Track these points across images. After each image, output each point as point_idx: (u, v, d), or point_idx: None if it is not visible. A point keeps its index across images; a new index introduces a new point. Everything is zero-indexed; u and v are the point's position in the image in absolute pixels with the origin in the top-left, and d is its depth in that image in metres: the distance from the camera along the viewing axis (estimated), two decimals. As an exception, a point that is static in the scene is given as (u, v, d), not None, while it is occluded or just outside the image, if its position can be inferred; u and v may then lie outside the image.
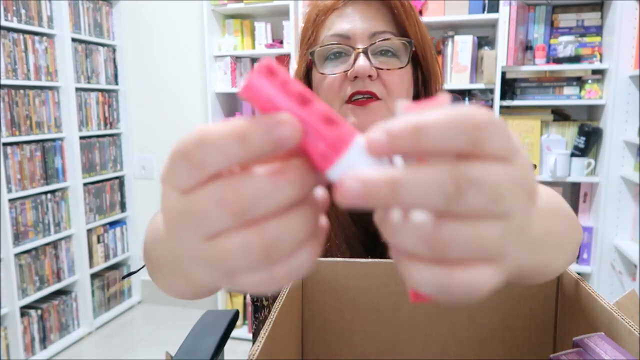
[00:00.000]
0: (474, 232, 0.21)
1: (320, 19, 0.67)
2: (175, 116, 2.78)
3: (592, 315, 0.47)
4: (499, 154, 0.21)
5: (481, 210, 0.20)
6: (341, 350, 0.58)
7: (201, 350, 0.79)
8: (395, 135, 0.20)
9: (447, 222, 0.21)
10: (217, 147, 0.21)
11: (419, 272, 0.21)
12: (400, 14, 0.65)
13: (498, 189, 0.20)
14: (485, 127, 0.20)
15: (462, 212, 0.20)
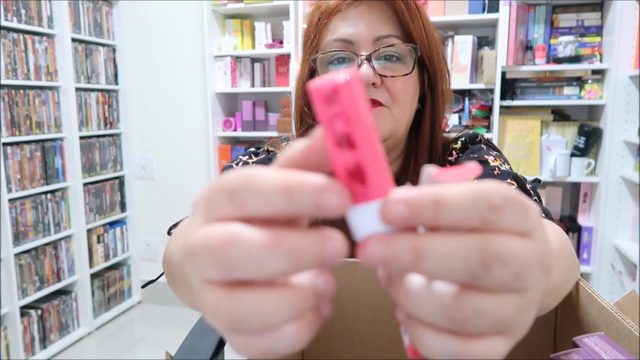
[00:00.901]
0: (495, 307, 0.21)
1: (323, 22, 0.65)
2: (176, 116, 2.78)
3: (592, 315, 0.47)
4: (518, 230, 0.21)
5: (505, 285, 0.20)
6: (341, 350, 0.58)
7: (201, 350, 0.79)
8: (414, 207, 0.20)
9: (470, 295, 0.20)
10: (262, 193, 0.20)
11: (433, 341, 0.21)
12: (405, 17, 0.63)
13: (522, 265, 0.21)
14: (501, 207, 0.20)
15: (485, 286, 0.20)
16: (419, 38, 0.64)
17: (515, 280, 0.21)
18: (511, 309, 0.21)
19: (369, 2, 0.63)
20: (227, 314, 0.20)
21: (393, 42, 0.62)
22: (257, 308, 0.20)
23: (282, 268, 0.20)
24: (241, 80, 2.53)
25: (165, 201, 2.87)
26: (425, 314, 0.21)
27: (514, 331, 0.22)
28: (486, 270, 0.20)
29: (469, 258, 0.20)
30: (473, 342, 0.21)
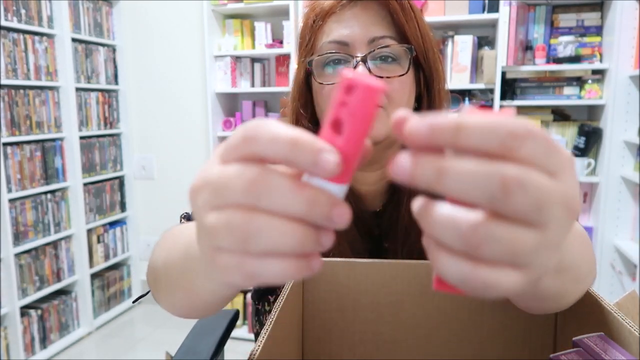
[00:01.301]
0: (510, 236, 0.21)
1: (318, 24, 0.65)
2: (176, 116, 2.78)
3: (592, 315, 0.47)
4: (543, 166, 0.22)
5: (523, 214, 0.21)
6: (341, 350, 0.58)
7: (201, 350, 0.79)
8: (436, 128, 0.21)
9: (487, 222, 0.21)
10: (275, 141, 0.23)
11: (447, 262, 0.23)
12: (400, 17, 0.63)
13: (544, 196, 0.21)
14: (523, 136, 0.21)
15: (503, 212, 0.21)
16: (414, 38, 0.64)
17: (535, 212, 0.21)
18: (528, 242, 0.21)
19: (363, 3, 0.63)
20: (241, 227, 0.23)
21: (388, 43, 0.62)
22: (268, 229, 0.23)
23: (298, 210, 0.23)
24: (241, 80, 2.53)
25: (165, 201, 2.87)
26: (443, 235, 0.22)
27: (530, 268, 0.22)
28: (506, 194, 0.21)
29: (490, 180, 0.21)
30: (485, 268, 0.22)
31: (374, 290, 0.57)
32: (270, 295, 0.74)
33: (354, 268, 0.57)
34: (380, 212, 0.72)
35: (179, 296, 0.43)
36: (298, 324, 0.57)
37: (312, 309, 0.58)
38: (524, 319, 0.56)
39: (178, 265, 0.41)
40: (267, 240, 0.23)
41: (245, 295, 2.58)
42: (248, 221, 0.23)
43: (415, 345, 0.57)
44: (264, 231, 0.23)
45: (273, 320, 0.43)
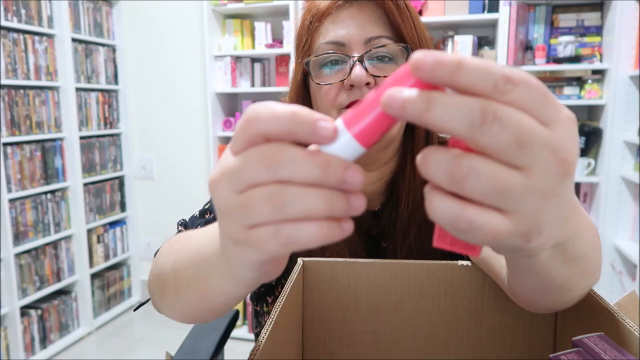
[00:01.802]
0: (493, 173, 0.22)
1: (315, 25, 0.65)
2: (176, 116, 2.78)
3: (592, 315, 0.48)
4: (532, 111, 0.23)
5: (502, 149, 0.22)
6: (341, 350, 0.58)
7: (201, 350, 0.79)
8: (438, 62, 0.22)
9: (470, 155, 0.22)
10: (277, 118, 0.25)
11: (438, 202, 0.24)
12: (395, 17, 0.63)
13: (525, 135, 0.22)
14: (516, 82, 0.23)
15: (482, 145, 0.22)
16: (410, 37, 0.64)
17: (514, 149, 0.22)
18: (513, 183, 0.22)
19: (359, 3, 0.64)
20: (276, 196, 0.25)
21: (384, 43, 0.63)
22: (301, 195, 0.25)
23: (313, 175, 0.25)
24: (241, 80, 2.53)
25: (165, 201, 2.87)
26: (433, 173, 0.23)
27: (517, 214, 0.23)
28: (483, 124, 0.22)
29: (470, 111, 0.22)
30: (471, 207, 0.23)
31: (374, 290, 0.57)
32: (268, 296, 0.74)
33: (354, 268, 0.57)
34: (379, 211, 0.72)
35: (189, 300, 0.42)
36: (298, 324, 0.57)
37: (312, 309, 0.58)
38: (524, 319, 0.56)
39: (190, 268, 0.41)
40: (301, 205, 0.25)
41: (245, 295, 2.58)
42: (280, 191, 0.25)
43: (415, 345, 0.57)
44: (297, 197, 0.25)
45: (273, 321, 0.43)
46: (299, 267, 0.55)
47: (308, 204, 0.25)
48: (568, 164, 0.23)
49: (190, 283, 0.41)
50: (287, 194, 0.25)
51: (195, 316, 0.46)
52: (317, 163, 0.25)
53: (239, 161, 0.26)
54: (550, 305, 0.45)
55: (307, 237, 0.26)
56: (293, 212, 0.25)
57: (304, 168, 0.25)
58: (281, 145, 0.26)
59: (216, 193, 0.28)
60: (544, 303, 0.45)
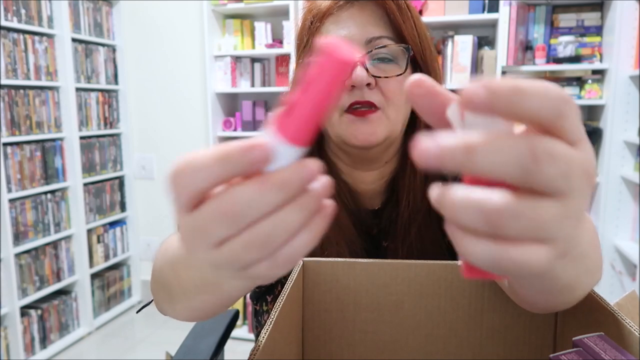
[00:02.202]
0: (534, 211, 0.21)
1: (315, 25, 0.65)
2: (176, 116, 2.78)
3: (592, 315, 0.48)
4: (571, 135, 0.22)
5: (552, 185, 0.21)
6: (341, 350, 0.59)
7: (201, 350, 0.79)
8: (495, 92, 0.21)
9: (510, 198, 0.21)
10: (202, 169, 0.24)
11: (473, 246, 0.22)
12: (397, 17, 0.63)
13: (570, 166, 0.21)
14: (571, 104, 0.22)
15: (533, 184, 0.21)
16: (411, 38, 0.64)
17: (562, 180, 0.21)
18: (552, 214, 0.21)
19: (359, 4, 0.63)
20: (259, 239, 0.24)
21: (385, 43, 0.63)
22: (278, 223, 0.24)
23: (277, 201, 0.24)
24: (241, 80, 2.53)
25: (165, 201, 2.87)
26: (467, 219, 0.22)
27: (556, 241, 0.22)
28: (537, 165, 0.21)
29: (520, 152, 0.21)
30: (512, 247, 0.22)
31: (374, 290, 0.57)
32: (268, 295, 0.74)
33: (354, 268, 0.57)
34: (379, 211, 0.72)
35: (201, 300, 0.41)
36: (298, 324, 0.57)
37: (312, 309, 0.58)
38: (524, 319, 0.56)
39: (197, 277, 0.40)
40: (285, 229, 0.25)
41: (245, 295, 2.58)
42: (257, 233, 0.24)
43: (415, 345, 0.57)
44: (279, 229, 0.24)
45: (273, 321, 0.43)
46: (299, 267, 0.55)
47: (290, 226, 0.25)
48: (594, 179, 0.23)
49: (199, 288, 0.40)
50: (263, 233, 0.24)
51: (207, 315, 0.45)
52: (274, 189, 0.24)
53: (197, 225, 0.25)
54: (552, 306, 0.45)
55: (303, 249, 0.25)
56: (279, 241, 0.25)
57: (265, 202, 0.24)
58: (228, 192, 0.24)
59: (194, 256, 0.27)
60: (547, 304, 0.45)
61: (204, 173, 0.24)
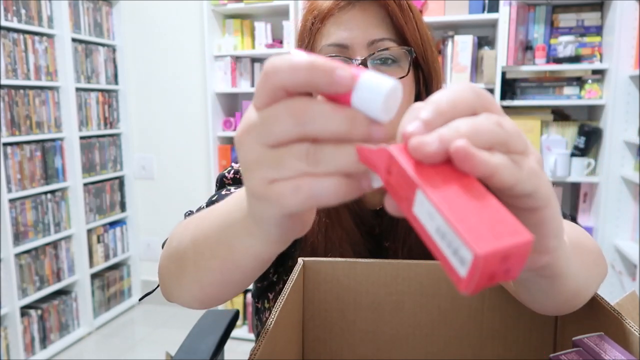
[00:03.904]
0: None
1: (317, 26, 0.65)
2: (176, 116, 2.78)
3: (592, 315, 0.48)
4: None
5: None
6: (342, 350, 0.59)
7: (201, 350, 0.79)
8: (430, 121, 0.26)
9: None
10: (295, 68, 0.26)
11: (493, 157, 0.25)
12: (399, 19, 0.62)
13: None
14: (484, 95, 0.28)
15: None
16: (413, 39, 0.64)
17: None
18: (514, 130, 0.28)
19: (361, 4, 0.63)
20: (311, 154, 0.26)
21: (388, 46, 0.62)
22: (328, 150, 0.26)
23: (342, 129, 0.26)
24: (241, 80, 2.53)
25: (165, 201, 2.87)
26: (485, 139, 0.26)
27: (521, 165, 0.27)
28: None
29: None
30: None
31: (374, 290, 0.57)
32: (269, 292, 0.74)
33: (354, 268, 0.57)
34: (381, 211, 0.72)
35: (212, 268, 0.41)
36: (298, 324, 0.57)
37: (312, 309, 0.58)
38: (524, 319, 0.56)
39: (213, 236, 0.40)
40: (335, 162, 0.26)
41: (245, 295, 2.58)
42: (316, 150, 0.26)
43: (415, 345, 0.57)
44: (331, 155, 0.26)
45: (273, 320, 0.43)
46: (299, 266, 0.55)
47: (341, 161, 0.26)
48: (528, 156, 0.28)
49: (213, 250, 0.40)
50: (322, 152, 0.26)
51: (215, 290, 0.44)
52: (344, 117, 0.26)
53: (265, 116, 0.27)
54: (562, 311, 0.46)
55: (329, 193, 0.26)
56: (326, 169, 0.26)
57: (331, 122, 0.26)
58: (307, 99, 0.26)
59: (243, 147, 0.28)
60: (557, 310, 0.45)
61: (295, 73, 0.26)
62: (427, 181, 0.23)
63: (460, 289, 0.21)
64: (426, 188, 0.23)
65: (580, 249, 0.42)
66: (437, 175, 0.24)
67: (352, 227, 0.68)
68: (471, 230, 0.21)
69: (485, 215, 0.22)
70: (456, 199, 0.22)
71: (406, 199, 0.25)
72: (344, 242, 0.67)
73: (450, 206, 0.22)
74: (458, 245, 0.21)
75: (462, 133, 0.25)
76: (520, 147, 0.27)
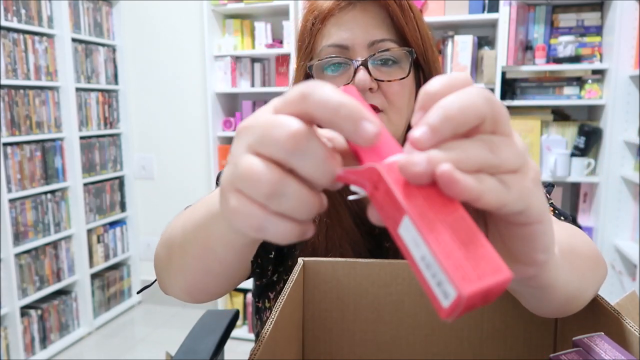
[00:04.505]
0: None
1: (317, 27, 0.65)
2: (176, 116, 2.78)
3: (592, 315, 0.48)
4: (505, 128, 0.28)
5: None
6: (342, 350, 0.59)
7: (201, 350, 0.79)
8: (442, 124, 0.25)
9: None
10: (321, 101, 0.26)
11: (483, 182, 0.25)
12: (399, 19, 0.62)
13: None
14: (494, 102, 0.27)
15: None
16: (413, 40, 0.64)
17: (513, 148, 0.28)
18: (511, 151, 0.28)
19: (362, 5, 0.63)
20: (271, 183, 0.26)
21: (388, 47, 0.62)
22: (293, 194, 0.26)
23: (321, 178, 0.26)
24: (241, 80, 2.53)
25: (165, 201, 2.87)
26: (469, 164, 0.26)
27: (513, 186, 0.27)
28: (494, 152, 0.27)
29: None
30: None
31: (374, 290, 0.57)
32: (270, 292, 0.74)
33: (354, 268, 0.57)
34: None
35: (192, 255, 0.44)
36: (298, 324, 0.57)
37: (312, 309, 0.58)
38: (524, 319, 0.56)
39: (197, 223, 0.42)
40: (288, 204, 0.26)
41: (245, 295, 2.58)
42: (279, 180, 0.26)
43: (415, 345, 0.57)
44: (289, 195, 0.26)
45: (273, 320, 0.43)
46: (299, 266, 0.55)
47: (294, 205, 0.26)
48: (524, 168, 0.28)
49: (196, 235, 0.42)
50: (281, 187, 0.26)
51: (197, 280, 0.47)
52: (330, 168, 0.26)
53: (271, 122, 0.26)
54: (560, 314, 0.46)
55: (277, 234, 0.27)
56: (276, 207, 0.26)
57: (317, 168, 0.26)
58: (314, 135, 0.26)
59: (239, 138, 0.29)
60: (555, 314, 0.46)
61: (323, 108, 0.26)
62: (415, 206, 0.24)
63: (441, 317, 0.23)
64: (414, 215, 0.23)
65: (574, 257, 0.41)
66: (425, 200, 0.24)
67: (352, 227, 0.68)
68: (456, 268, 0.22)
69: (470, 251, 0.22)
70: (443, 231, 0.23)
71: (392, 218, 0.25)
72: (344, 242, 0.67)
73: (437, 239, 0.22)
74: (443, 280, 0.22)
75: (451, 156, 0.24)
76: (514, 166, 0.26)
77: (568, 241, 0.43)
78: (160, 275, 0.53)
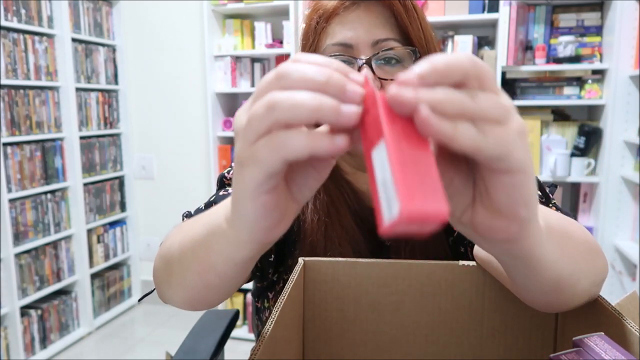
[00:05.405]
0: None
1: (321, 26, 0.65)
2: (176, 116, 2.78)
3: (592, 315, 0.48)
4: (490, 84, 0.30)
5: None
6: (342, 350, 0.59)
7: (201, 350, 0.79)
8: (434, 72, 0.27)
9: None
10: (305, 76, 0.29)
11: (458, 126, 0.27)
12: (403, 19, 0.63)
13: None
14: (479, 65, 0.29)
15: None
16: (417, 39, 0.64)
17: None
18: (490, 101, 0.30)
19: (366, 4, 0.63)
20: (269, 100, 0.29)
21: (392, 46, 0.63)
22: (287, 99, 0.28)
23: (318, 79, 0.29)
24: (241, 80, 2.53)
25: (165, 201, 2.87)
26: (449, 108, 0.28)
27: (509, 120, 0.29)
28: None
29: None
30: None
31: (374, 290, 0.57)
32: (269, 292, 0.74)
33: (354, 268, 0.57)
34: None
35: (192, 270, 0.44)
36: (298, 324, 0.57)
37: (312, 309, 0.58)
38: (524, 319, 0.56)
39: (197, 240, 0.43)
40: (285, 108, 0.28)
41: (245, 295, 2.58)
42: (273, 95, 0.29)
43: (415, 345, 0.57)
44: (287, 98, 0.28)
45: (274, 320, 0.43)
46: (299, 266, 0.55)
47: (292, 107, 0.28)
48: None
49: (195, 252, 0.43)
50: (278, 96, 0.28)
51: (197, 294, 0.47)
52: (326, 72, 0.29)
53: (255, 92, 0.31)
54: (555, 305, 0.46)
55: (296, 143, 0.28)
56: (279, 115, 0.28)
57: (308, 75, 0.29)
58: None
59: (236, 119, 0.32)
60: (549, 303, 0.45)
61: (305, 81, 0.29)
62: (393, 134, 0.27)
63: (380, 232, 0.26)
64: (389, 140, 0.26)
65: (565, 239, 0.41)
66: (403, 133, 0.27)
67: (352, 226, 0.68)
68: (406, 189, 0.25)
69: (424, 183, 0.26)
70: (407, 160, 0.26)
71: (370, 140, 0.28)
72: (344, 241, 0.67)
73: (401, 165, 0.26)
74: (392, 197, 0.25)
75: (435, 97, 0.27)
76: (494, 116, 0.28)
77: (560, 223, 0.43)
78: (160, 287, 0.53)
